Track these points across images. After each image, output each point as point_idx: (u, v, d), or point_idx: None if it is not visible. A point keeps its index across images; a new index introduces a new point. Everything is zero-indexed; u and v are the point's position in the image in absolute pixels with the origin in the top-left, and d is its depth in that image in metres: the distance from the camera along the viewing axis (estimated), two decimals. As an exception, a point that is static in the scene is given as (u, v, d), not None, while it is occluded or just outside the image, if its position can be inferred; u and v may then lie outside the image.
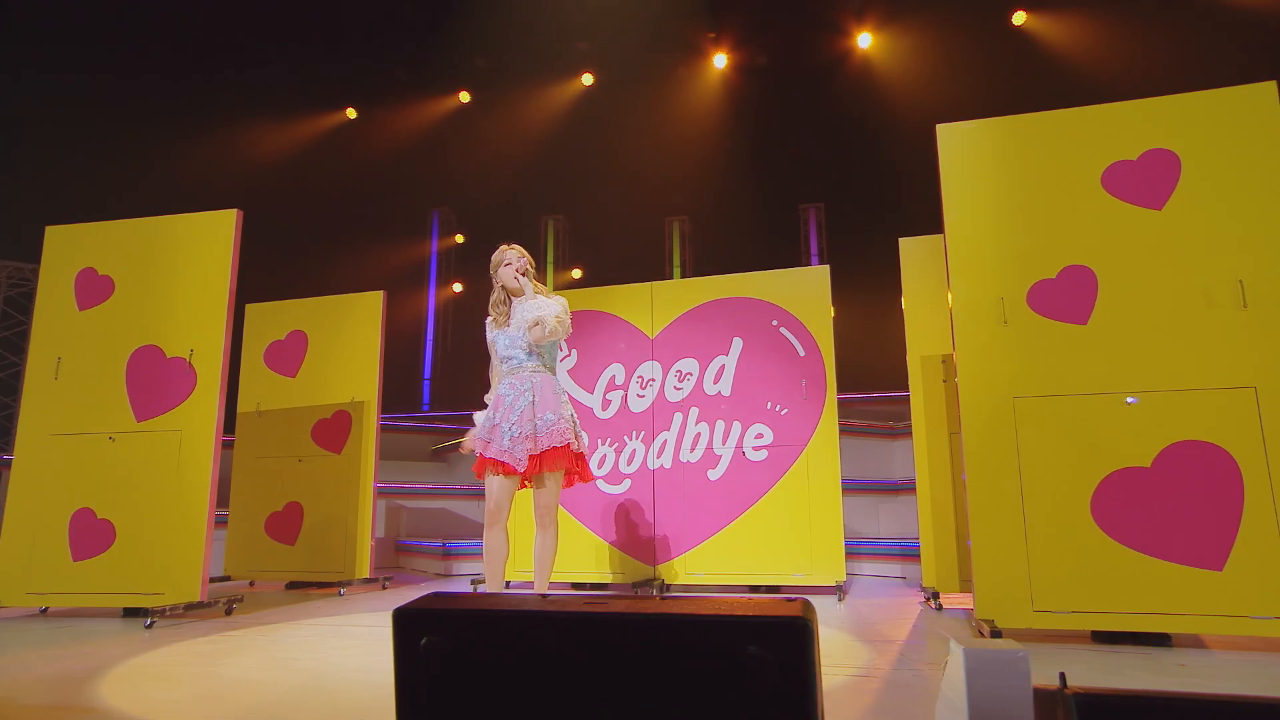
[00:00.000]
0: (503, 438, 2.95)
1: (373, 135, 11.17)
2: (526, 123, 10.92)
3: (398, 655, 1.02)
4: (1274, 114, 2.76)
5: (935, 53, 9.61)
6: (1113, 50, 9.01)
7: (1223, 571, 2.53)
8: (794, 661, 0.89)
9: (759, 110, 10.53)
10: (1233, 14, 8.65)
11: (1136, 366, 2.71)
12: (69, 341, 3.85)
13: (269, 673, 2.33)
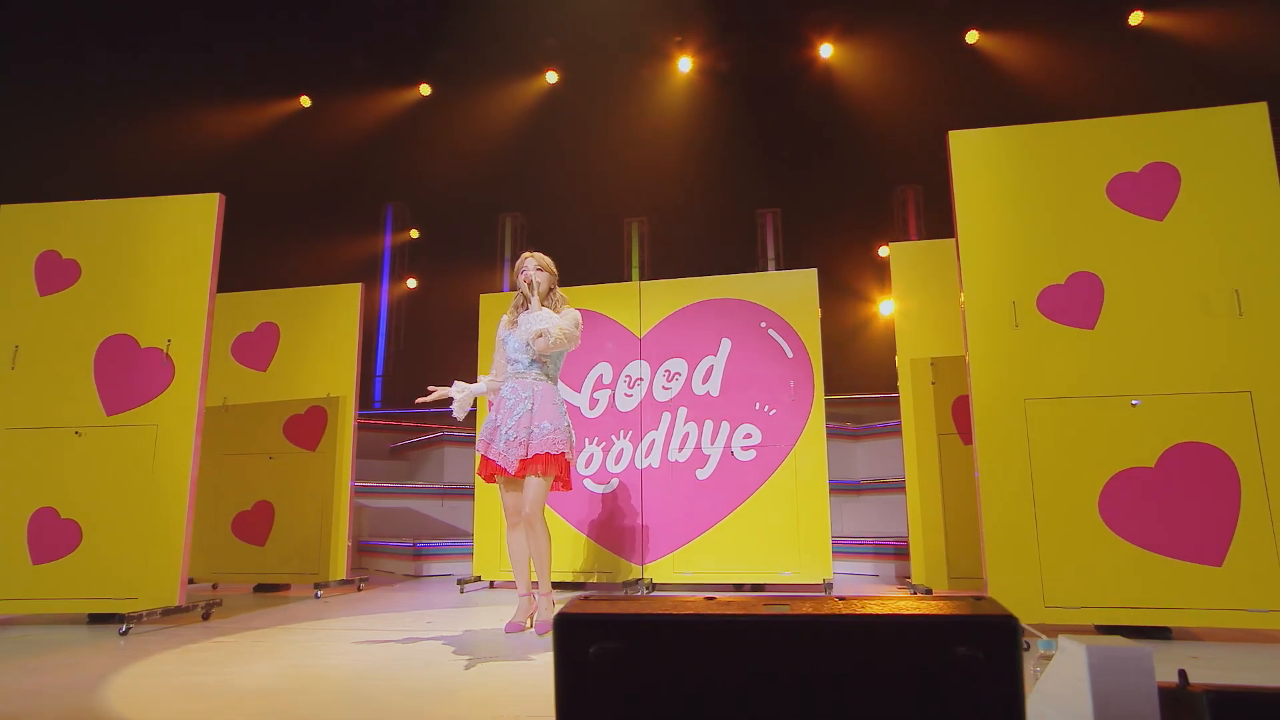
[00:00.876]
0: (500, 440, 3.05)
1: (327, 124, 10.77)
2: (487, 118, 10.70)
3: (560, 663, 0.94)
4: (1264, 132, 2.87)
5: (893, 66, 9.81)
6: (1058, 69, 9.36)
7: (1222, 567, 2.62)
8: (1003, 660, 0.85)
9: (721, 115, 10.56)
10: (1168, 40, 9.08)
11: (1140, 370, 2.78)
12: (28, 329, 3.56)
13: (290, 680, 2.17)
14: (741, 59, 10.09)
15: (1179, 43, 9.07)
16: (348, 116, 10.77)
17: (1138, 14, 9.04)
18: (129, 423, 3.43)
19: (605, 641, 0.92)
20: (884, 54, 9.74)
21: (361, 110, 10.77)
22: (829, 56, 9.85)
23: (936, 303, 4.12)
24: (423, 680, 2.18)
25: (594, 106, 10.61)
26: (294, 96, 10.63)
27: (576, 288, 4.94)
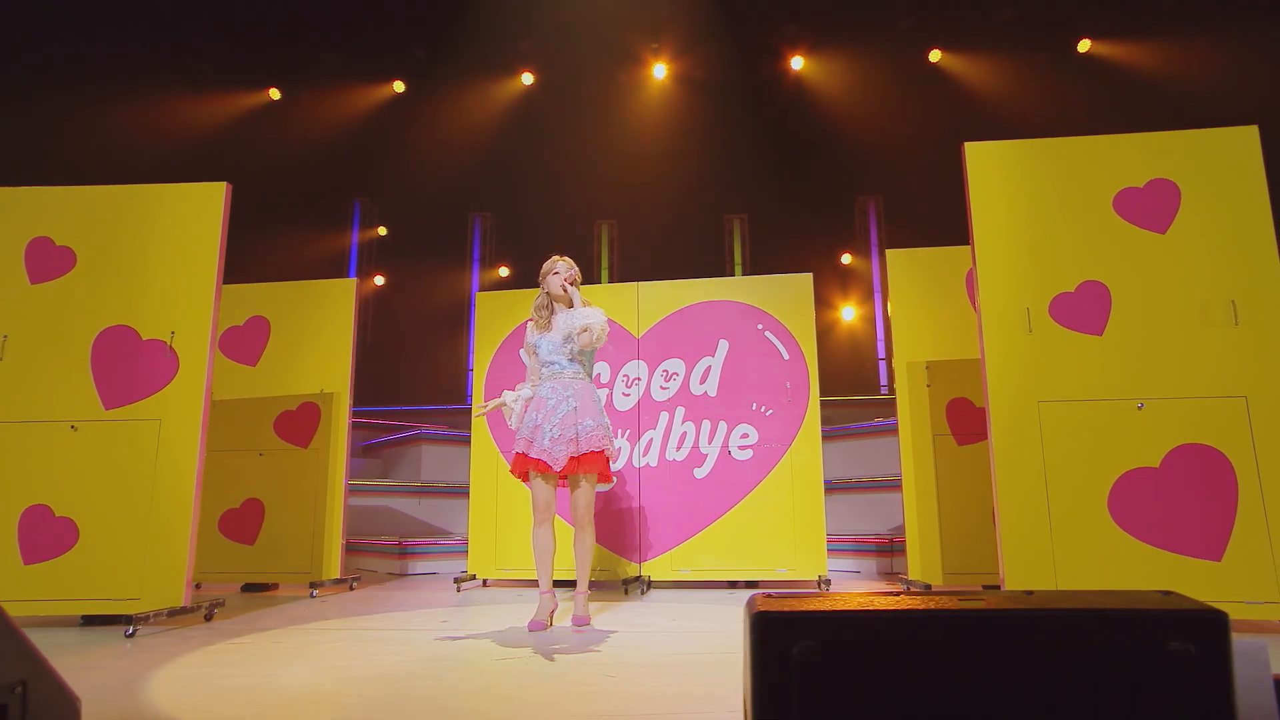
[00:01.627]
0: (543, 439, 3.04)
1: (296, 118, 10.45)
2: (461, 117, 10.53)
3: (758, 663, 0.91)
4: (1255, 152, 3.00)
5: (859, 81, 9.99)
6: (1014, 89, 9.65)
7: (1221, 562, 2.72)
8: (1214, 655, 0.85)
9: (693, 121, 10.59)
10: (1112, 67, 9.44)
11: (1146, 375, 2.88)
12: (18, 318, 3.34)
13: (337, 682, 2.07)
14: (716, 67, 10.13)
15: (1122, 69, 9.45)
16: (317, 111, 10.46)
17: (1086, 42, 9.39)
18: (129, 417, 3.24)
19: (806, 639, 0.89)
20: (851, 69, 9.91)
21: (332, 105, 10.48)
22: (800, 69, 9.97)
23: (932, 308, 4.20)
24: (472, 681, 2.11)
25: (568, 109, 10.53)
26: (263, 89, 10.28)
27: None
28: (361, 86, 10.38)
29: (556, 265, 3.25)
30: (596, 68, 10.23)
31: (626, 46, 10.12)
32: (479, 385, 4.86)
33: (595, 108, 10.60)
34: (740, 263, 11.69)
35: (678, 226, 11.23)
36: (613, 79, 10.42)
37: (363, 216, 12.23)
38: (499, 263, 12.01)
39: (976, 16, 9.17)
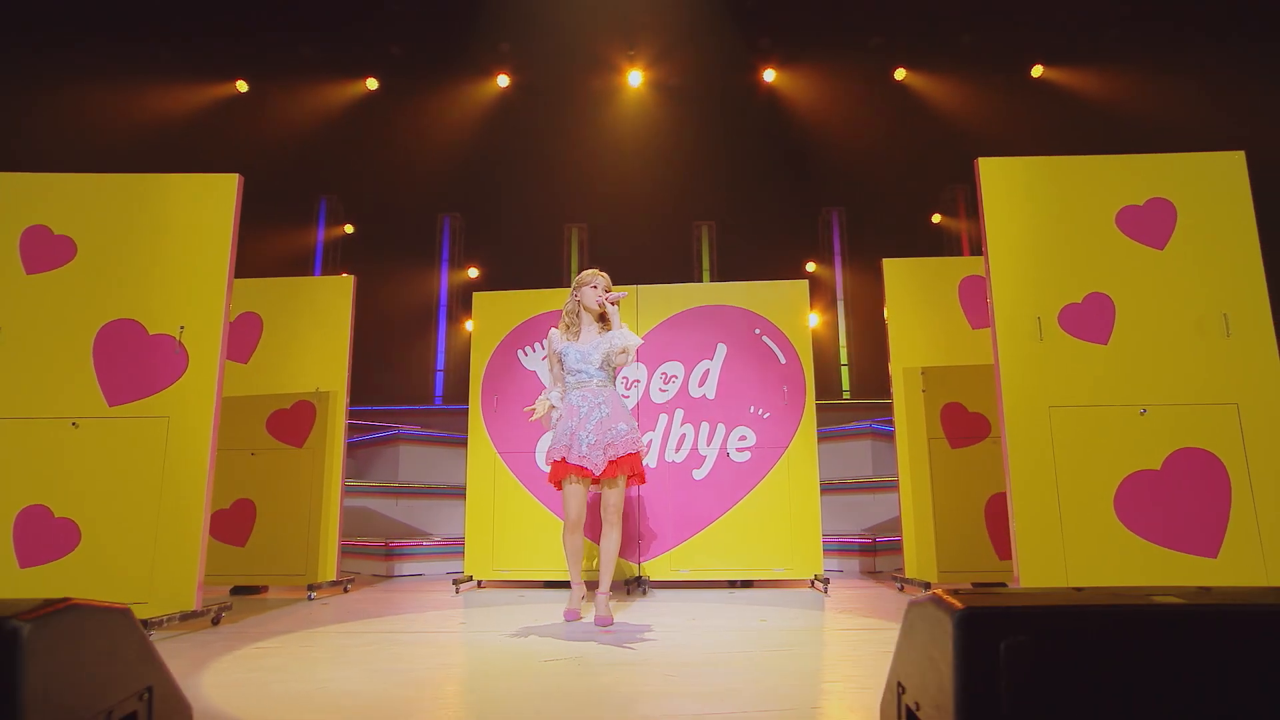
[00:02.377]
0: (581, 445, 3.12)
1: (263, 112, 10.11)
2: (434, 117, 10.34)
3: (963, 660, 0.91)
4: (1242, 176, 3.17)
5: (828, 95, 10.18)
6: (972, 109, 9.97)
7: (1217, 559, 2.85)
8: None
9: (666, 128, 10.63)
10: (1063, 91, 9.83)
11: (1147, 382, 3.00)
12: (12, 309, 3.15)
13: (398, 685, 1.99)
14: (690, 75, 10.19)
15: (1071, 94, 9.85)
16: (285, 105, 10.14)
17: (1039, 67, 9.76)
18: (136, 414, 3.09)
19: (1015, 635, 0.90)
20: (821, 83, 10.09)
21: (301, 99, 10.16)
22: (772, 80, 10.11)
23: (926, 316, 4.30)
24: (538, 682, 2.05)
25: (542, 112, 10.45)
26: (229, 80, 9.92)
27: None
28: (332, 82, 10.11)
29: (595, 279, 3.33)
30: (572, 72, 10.18)
31: (603, 52, 10.10)
32: (475, 385, 4.77)
33: (569, 111, 10.55)
34: (708, 269, 11.78)
35: (647, 231, 11.24)
36: (588, 84, 10.39)
37: (328, 213, 11.91)
38: (468, 264, 11.84)
39: (941, 38, 9.45)
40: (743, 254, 11.26)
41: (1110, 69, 9.52)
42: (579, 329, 3.33)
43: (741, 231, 11.33)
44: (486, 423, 4.69)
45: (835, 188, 11.24)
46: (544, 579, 4.51)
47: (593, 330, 3.33)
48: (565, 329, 3.34)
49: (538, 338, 4.77)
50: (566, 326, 3.34)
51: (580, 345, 3.27)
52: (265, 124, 10.06)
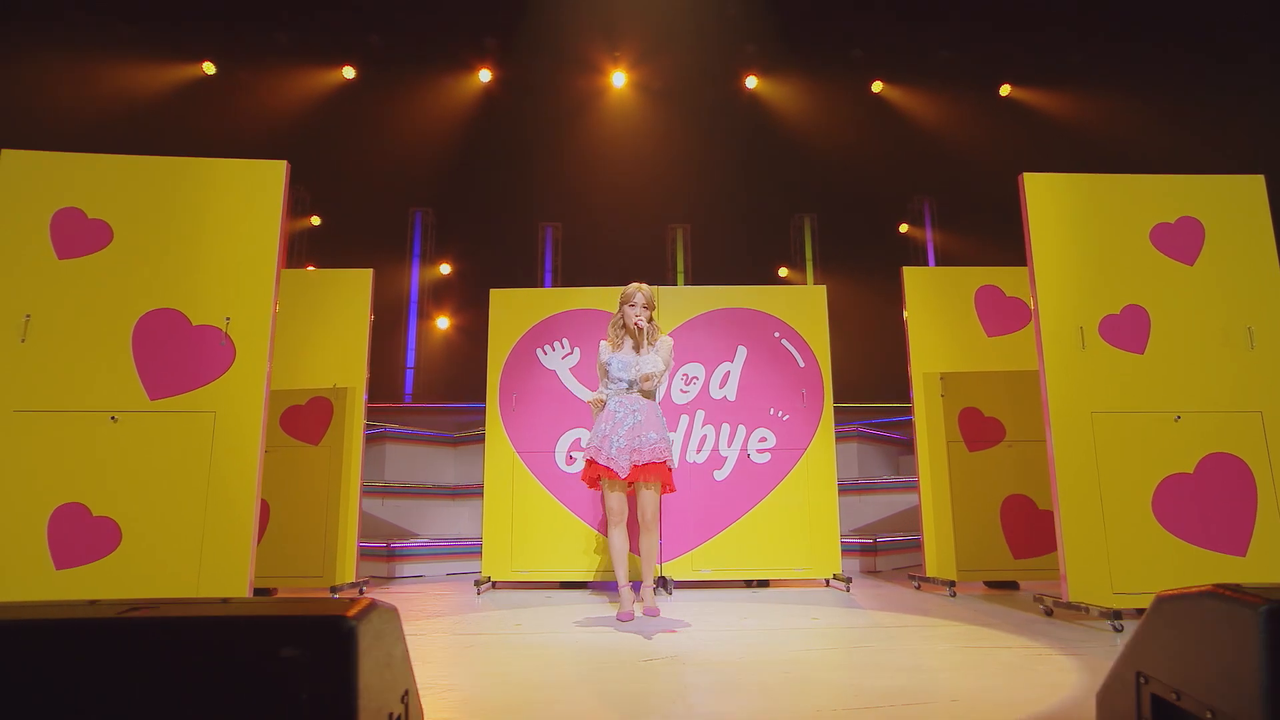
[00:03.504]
0: (610, 448, 3.34)
1: (230, 95, 9.74)
2: (411, 109, 10.14)
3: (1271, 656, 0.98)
4: (1263, 198, 3.39)
5: (807, 104, 10.39)
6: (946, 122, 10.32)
7: (1245, 557, 3.05)
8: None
9: (645, 130, 10.67)
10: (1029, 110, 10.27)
11: (1180, 390, 3.18)
12: (43, 297, 2.98)
13: (482, 686, 1.97)
14: (672, 79, 10.25)
15: (1035, 113, 10.29)
16: (254, 89, 9.78)
17: (1006, 86, 10.18)
18: (180, 409, 2.95)
19: (1312, 626, 0.97)
20: (801, 92, 10.29)
21: (271, 84, 9.83)
22: (754, 88, 10.26)
23: (944, 322, 4.44)
24: (669, 681, 2.06)
25: (523, 109, 10.36)
26: (196, 61, 9.52)
27: (598, 288, 4.83)
28: (307, 68, 9.81)
29: (635, 296, 3.50)
30: (555, 70, 10.13)
31: (586, 51, 10.07)
32: (493, 384, 4.71)
33: (549, 109, 10.49)
34: (682, 271, 11.87)
35: (622, 232, 11.26)
36: (570, 82, 10.35)
37: (294, 203, 11.54)
38: (440, 259, 11.65)
39: (918, 54, 9.75)
40: (716, 257, 11.38)
41: (1072, 91, 9.98)
42: (622, 342, 3.54)
43: (716, 235, 11.45)
44: (505, 421, 4.64)
45: (808, 195, 11.47)
46: (564, 579, 4.48)
47: (630, 343, 3.54)
48: (611, 340, 3.56)
49: (556, 336, 4.75)
50: (612, 339, 3.55)
51: (622, 356, 3.49)
52: (231, 108, 9.69)
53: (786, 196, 11.47)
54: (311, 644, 0.90)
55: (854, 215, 11.36)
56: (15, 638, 0.89)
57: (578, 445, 4.62)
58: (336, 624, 0.91)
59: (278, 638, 0.89)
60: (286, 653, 0.89)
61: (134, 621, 0.91)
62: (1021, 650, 2.45)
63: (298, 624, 0.91)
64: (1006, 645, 2.55)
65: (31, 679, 0.88)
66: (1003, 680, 2.00)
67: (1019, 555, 4.18)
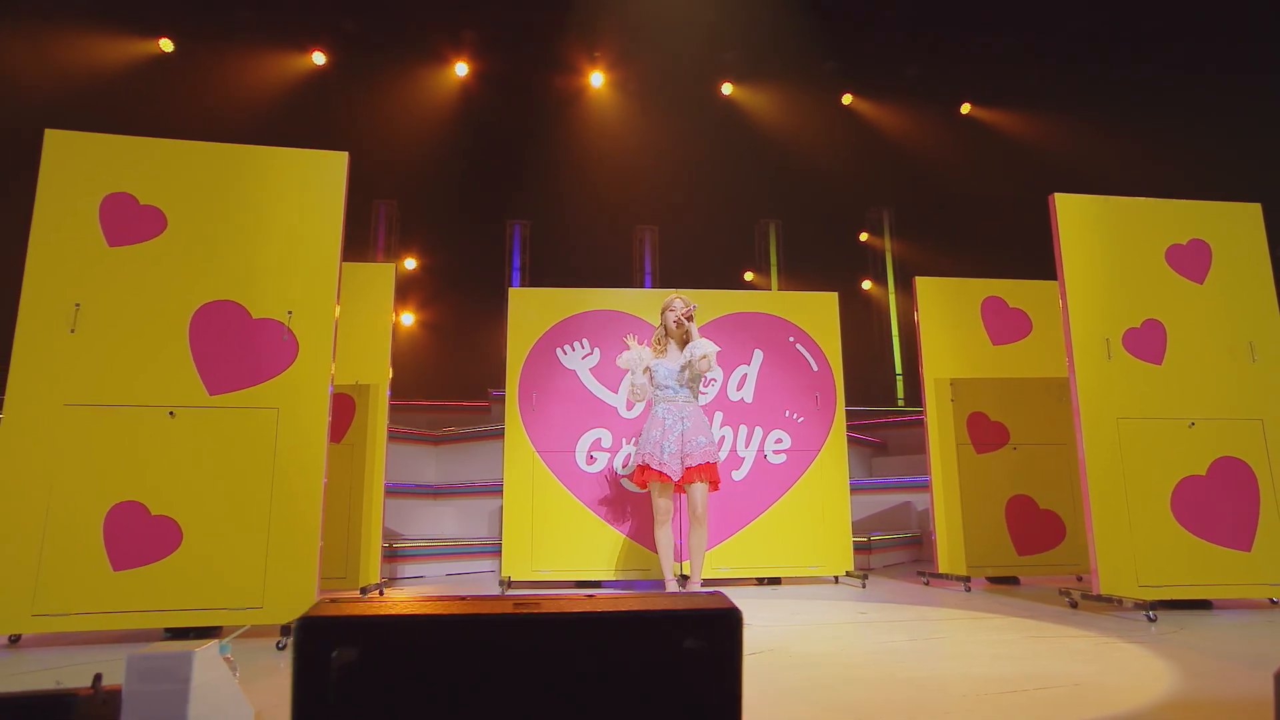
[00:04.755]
0: (663, 454, 3.60)
1: (188, 76, 9.33)
2: (381, 99, 9.92)
3: None
4: (1259, 225, 3.74)
5: (778, 112, 10.66)
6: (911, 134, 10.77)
7: (1250, 552, 3.36)
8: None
9: (618, 129, 10.74)
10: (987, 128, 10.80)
11: (1193, 398, 3.48)
12: (94, 284, 2.85)
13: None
14: (649, 81, 10.36)
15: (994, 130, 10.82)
16: (215, 69, 9.39)
17: (967, 105, 10.70)
18: (241, 404, 2.87)
19: None
20: (774, 100, 10.56)
21: (234, 65, 9.45)
22: (729, 94, 10.46)
23: (956, 331, 4.69)
24: (782, 673, 2.15)
25: (495, 104, 10.28)
26: (152, 37, 9.09)
27: (612, 290, 4.88)
28: (273, 51, 9.48)
29: (674, 303, 3.80)
30: (532, 67, 10.10)
31: (564, 49, 10.07)
32: (512, 384, 4.71)
33: (524, 106, 10.44)
34: (649, 273, 11.99)
35: (589, 231, 11.30)
36: (546, 80, 10.33)
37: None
38: (404, 254, 11.43)
39: (888, 69, 10.14)
40: (683, 260, 11.54)
41: (1027, 112, 10.54)
42: (665, 350, 3.82)
43: (683, 238, 11.61)
44: (524, 420, 4.65)
45: (775, 201, 11.76)
46: (585, 579, 4.52)
47: (676, 351, 3.82)
48: (654, 349, 3.84)
49: (577, 336, 4.78)
50: (654, 348, 3.84)
51: (668, 362, 3.76)
52: (188, 89, 9.28)
53: (753, 202, 11.74)
54: (710, 635, 0.96)
55: (817, 222, 11.72)
56: (442, 630, 0.92)
57: (598, 445, 4.67)
58: (730, 616, 0.98)
59: (681, 630, 0.95)
60: (690, 644, 0.95)
61: (541, 617, 0.95)
62: (1085, 639, 2.66)
63: (697, 617, 0.97)
64: (1067, 635, 2.75)
65: (453, 667, 0.91)
66: (1098, 666, 2.18)
67: (1022, 552, 4.45)
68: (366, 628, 0.90)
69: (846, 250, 12.29)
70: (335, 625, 0.90)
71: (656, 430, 3.65)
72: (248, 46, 9.35)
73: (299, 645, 0.89)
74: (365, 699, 0.89)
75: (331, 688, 0.88)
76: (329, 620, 0.90)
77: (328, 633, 0.89)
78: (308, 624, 0.89)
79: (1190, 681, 1.98)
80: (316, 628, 0.89)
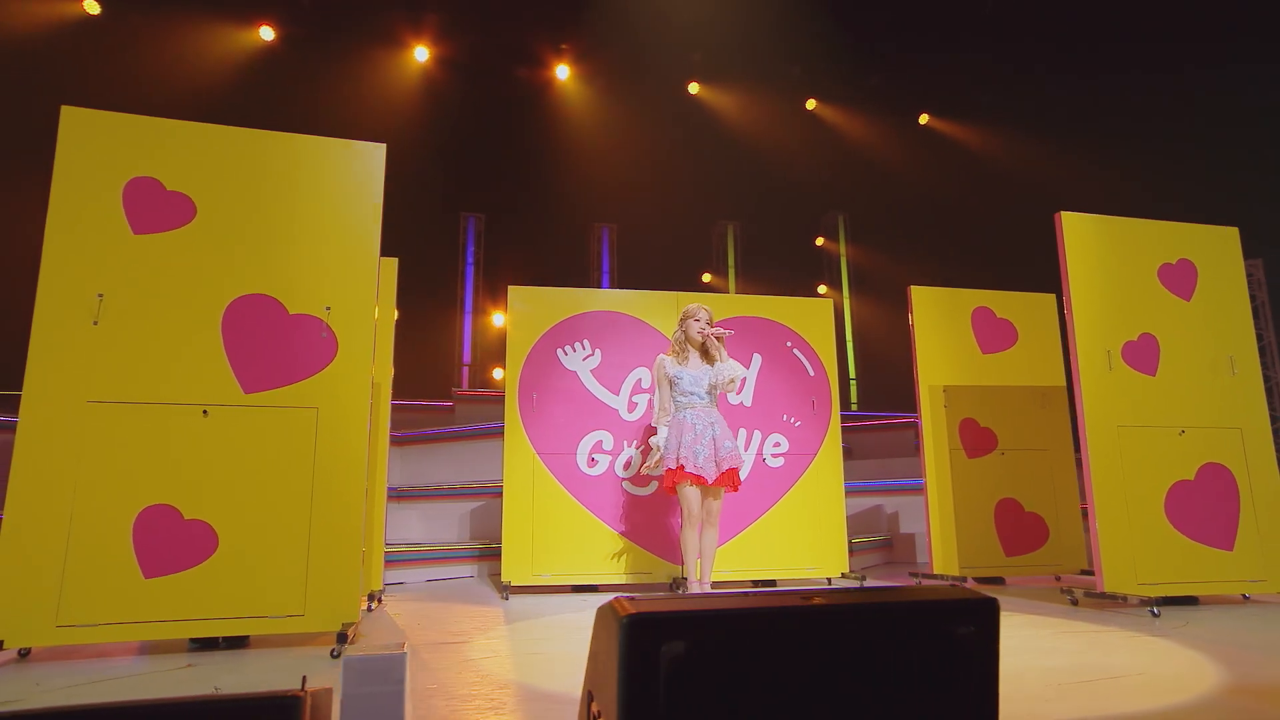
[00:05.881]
0: (697, 458, 3.73)
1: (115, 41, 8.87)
2: (335, 81, 9.66)
3: None
4: (1236, 247, 4.13)
5: (741, 114, 10.92)
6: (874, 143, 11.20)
7: (1233, 551, 3.72)
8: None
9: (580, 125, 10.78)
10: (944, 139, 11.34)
11: (1182, 408, 3.82)
12: (117, 274, 2.75)
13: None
14: (614, 77, 10.44)
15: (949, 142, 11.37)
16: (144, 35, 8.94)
17: (925, 115, 11.21)
18: (279, 403, 2.83)
19: None
20: (739, 102, 10.82)
21: (166, 32, 9.02)
22: (695, 93, 10.65)
23: (948, 339, 4.96)
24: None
25: (454, 93, 10.16)
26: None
27: (614, 292, 4.96)
28: (215, 21, 9.11)
29: (698, 313, 3.92)
30: (497, 56, 10.03)
31: (529, 40, 10.05)
32: (512, 382, 4.73)
33: (485, 95, 10.36)
34: (608, 271, 12.07)
35: (545, 228, 11.31)
36: (509, 69, 10.28)
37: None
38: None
39: (851, 77, 10.53)
40: (641, 260, 11.67)
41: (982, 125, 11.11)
42: (687, 356, 3.92)
43: (642, 236, 11.74)
44: (524, 421, 4.67)
45: (734, 202, 12.03)
46: (586, 583, 4.58)
47: (697, 358, 3.93)
48: (675, 356, 3.93)
49: (578, 337, 4.83)
50: (676, 354, 3.93)
51: (692, 371, 3.88)
52: (115, 57, 8.84)
53: (712, 203, 11.97)
54: (978, 622, 1.08)
55: (775, 226, 12.05)
56: (755, 622, 1.01)
57: (600, 448, 4.74)
58: (991, 604, 1.10)
59: (955, 618, 1.07)
60: (963, 630, 1.07)
61: (839, 608, 1.05)
62: (1111, 634, 2.91)
63: (966, 605, 1.08)
64: (1091, 630, 3.01)
65: (763, 656, 1.01)
66: (1144, 658, 2.42)
67: (1009, 553, 4.77)
68: (690, 622, 0.98)
69: (803, 254, 12.67)
70: (663, 620, 0.97)
71: (689, 435, 3.78)
72: (186, 14, 8.96)
73: (629, 640, 0.96)
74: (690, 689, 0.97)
75: (660, 680, 0.96)
76: (657, 615, 0.97)
77: (656, 627, 0.97)
78: (637, 619, 0.97)
79: (1234, 669, 2.23)
80: (646, 623, 0.97)
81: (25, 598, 2.48)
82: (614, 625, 0.99)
